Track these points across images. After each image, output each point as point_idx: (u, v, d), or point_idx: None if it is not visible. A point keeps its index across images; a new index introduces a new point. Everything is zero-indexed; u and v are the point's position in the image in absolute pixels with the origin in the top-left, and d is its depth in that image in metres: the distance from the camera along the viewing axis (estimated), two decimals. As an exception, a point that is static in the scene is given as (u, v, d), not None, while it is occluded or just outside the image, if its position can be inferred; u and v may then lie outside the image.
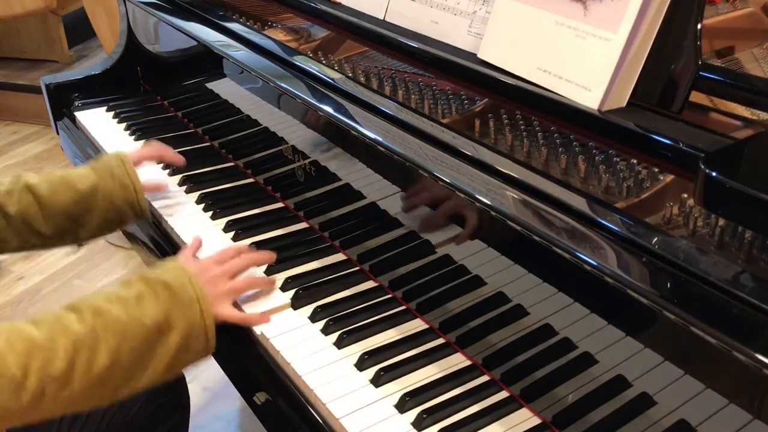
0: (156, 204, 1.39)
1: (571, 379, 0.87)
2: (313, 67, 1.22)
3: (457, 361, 1.00)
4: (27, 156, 3.48)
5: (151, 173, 1.46)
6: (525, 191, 0.89)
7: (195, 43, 1.54)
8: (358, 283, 1.15)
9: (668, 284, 0.73)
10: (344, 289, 1.14)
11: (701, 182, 0.70)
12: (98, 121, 1.75)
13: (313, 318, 1.08)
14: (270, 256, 1.18)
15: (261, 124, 1.40)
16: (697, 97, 0.90)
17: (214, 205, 1.37)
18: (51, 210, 1.21)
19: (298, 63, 1.25)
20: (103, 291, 0.98)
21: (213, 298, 1.03)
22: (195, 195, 1.41)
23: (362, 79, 1.18)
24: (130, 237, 1.49)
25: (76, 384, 0.88)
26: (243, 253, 1.14)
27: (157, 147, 1.40)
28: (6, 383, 0.84)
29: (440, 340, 1.03)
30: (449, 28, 1.15)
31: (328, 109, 1.14)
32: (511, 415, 0.92)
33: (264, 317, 1.08)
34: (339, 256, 1.22)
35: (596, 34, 0.92)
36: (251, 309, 1.09)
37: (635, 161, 0.88)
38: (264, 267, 1.18)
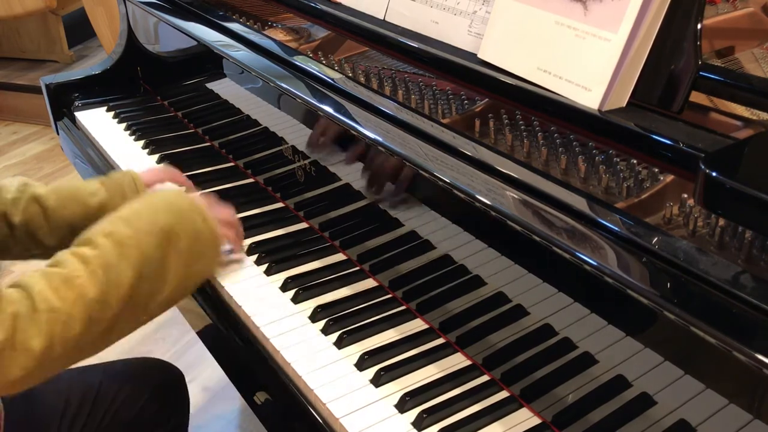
0: (156, 204, 1.39)
1: (571, 379, 0.87)
2: (313, 67, 1.22)
3: (457, 361, 1.00)
4: (27, 156, 3.48)
5: (144, 167, 1.46)
6: (525, 191, 0.89)
7: (195, 43, 1.54)
8: (358, 283, 1.15)
9: (668, 284, 0.73)
10: (344, 289, 1.14)
11: (701, 182, 0.70)
12: (98, 121, 1.75)
13: (313, 318, 1.08)
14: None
15: (261, 124, 1.40)
16: (697, 97, 0.90)
17: (214, 205, 1.37)
18: (57, 223, 1.20)
19: (298, 63, 1.25)
20: (106, 219, 1.01)
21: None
22: (195, 195, 1.41)
23: (362, 79, 1.18)
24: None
25: (114, 303, 0.92)
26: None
27: (171, 172, 1.39)
28: (56, 317, 0.87)
29: (440, 340, 1.03)
30: (449, 28, 1.15)
31: (328, 109, 1.14)
32: (511, 415, 0.92)
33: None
34: (339, 256, 1.22)
35: (596, 34, 0.92)
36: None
37: (635, 161, 0.88)
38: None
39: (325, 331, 1.06)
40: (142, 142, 1.63)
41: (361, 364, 0.99)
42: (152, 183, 1.35)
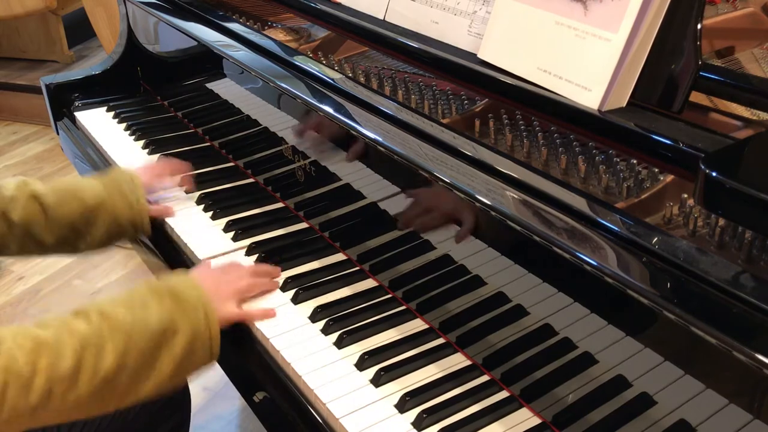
0: (156, 204, 1.39)
1: (571, 379, 0.87)
2: (313, 67, 1.22)
3: (457, 361, 1.00)
4: (27, 156, 3.48)
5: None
6: (525, 191, 0.89)
7: (195, 43, 1.54)
8: (358, 283, 1.15)
9: (668, 284, 0.73)
10: (344, 289, 1.14)
11: (701, 182, 0.70)
12: (98, 122, 1.75)
13: (313, 318, 1.08)
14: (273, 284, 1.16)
15: (261, 124, 1.40)
16: (697, 97, 0.90)
17: (214, 205, 1.37)
18: (55, 220, 1.20)
19: (298, 63, 1.25)
20: (107, 297, 0.98)
21: (217, 299, 1.03)
22: (195, 195, 1.41)
23: (362, 79, 1.18)
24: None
25: (83, 385, 0.88)
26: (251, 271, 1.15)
27: (167, 166, 1.39)
28: (14, 380, 0.83)
29: (440, 340, 1.03)
30: (449, 28, 1.15)
31: (328, 109, 1.14)
32: (511, 415, 0.92)
33: (268, 312, 1.09)
34: (339, 256, 1.22)
35: (596, 34, 0.92)
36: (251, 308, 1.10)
37: (635, 161, 0.88)
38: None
39: (325, 331, 1.06)
40: (142, 142, 1.63)
41: (361, 364, 0.99)
42: (150, 182, 1.35)
